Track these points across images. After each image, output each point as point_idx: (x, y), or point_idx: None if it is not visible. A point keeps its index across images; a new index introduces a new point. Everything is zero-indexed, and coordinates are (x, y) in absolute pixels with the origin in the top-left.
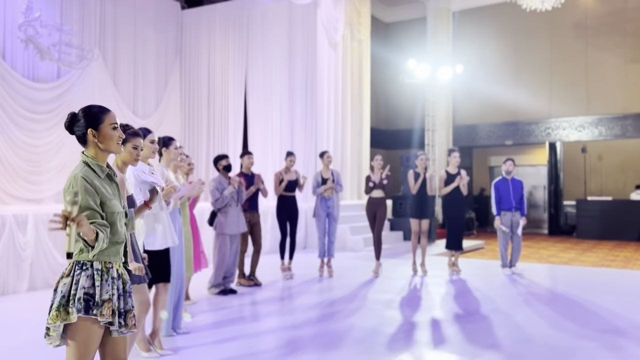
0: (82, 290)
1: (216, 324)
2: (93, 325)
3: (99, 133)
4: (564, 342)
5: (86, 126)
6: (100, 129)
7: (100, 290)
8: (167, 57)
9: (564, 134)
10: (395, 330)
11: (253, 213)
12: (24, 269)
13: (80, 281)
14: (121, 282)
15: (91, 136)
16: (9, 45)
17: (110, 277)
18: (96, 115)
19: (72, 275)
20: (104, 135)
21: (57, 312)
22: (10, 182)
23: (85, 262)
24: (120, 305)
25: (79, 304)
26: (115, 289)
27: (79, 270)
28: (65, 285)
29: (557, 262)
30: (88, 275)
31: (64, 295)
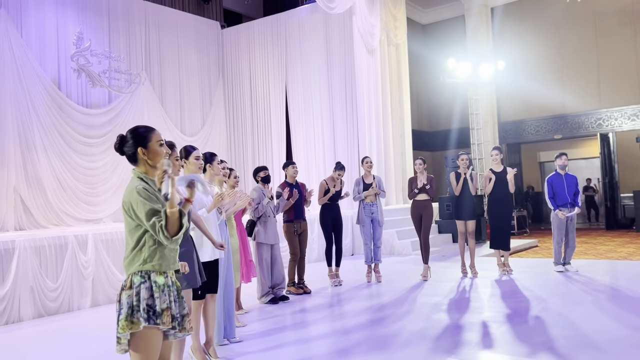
0: (144, 301)
1: (268, 331)
2: (155, 332)
3: (147, 150)
4: (628, 339)
5: (135, 145)
6: (149, 147)
7: (159, 300)
8: (210, 76)
9: (616, 124)
10: (443, 332)
11: (300, 222)
12: (86, 287)
13: (141, 293)
14: (175, 288)
15: (141, 154)
16: (64, 75)
17: (166, 286)
18: (143, 134)
19: (133, 287)
20: (152, 152)
21: (125, 322)
22: (70, 204)
23: (143, 274)
24: (178, 311)
25: (144, 314)
26: (172, 296)
27: (138, 283)
28: (129, 297)
29: (615, 257)
30: (147, 287)
31: (130, 307)
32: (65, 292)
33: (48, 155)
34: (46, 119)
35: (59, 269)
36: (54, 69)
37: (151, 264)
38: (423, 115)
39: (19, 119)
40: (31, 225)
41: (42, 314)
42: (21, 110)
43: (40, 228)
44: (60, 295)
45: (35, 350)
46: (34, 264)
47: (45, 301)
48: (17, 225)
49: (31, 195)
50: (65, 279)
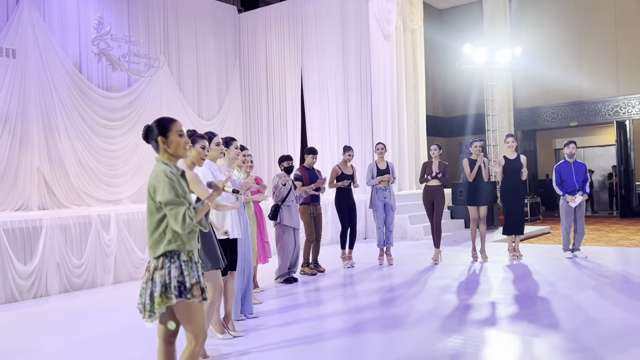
0: (175, 279)
1: (283, 308)
2: (197, 305)
3: (167, 140)
4: (625, 320)
5: (157, 134)
6: (169, 137)
7: (189, 276)
8: (227, 60)
9: (634, 111)
10: (451, 312)
11: (316, 205)
12: (109, 264)
13: (172, 272)
14: (199, 265)
15: (161, 143)
16: (85, 59)
17: (193, 263)
18: (165, 124)
19: (164, 267)
20: (171, 142)
21: (160, 299)
22: (92, 185)
23: (171, 254)
24: (203, 282)
25: (175, 291)
26: (199, 271)
27: (168, 263)
28: (162, 276)
29: (626, 244)
30: (177, 266)
31: (162, 285)
32: (89, 269)
33: (70, 137)
34: (68, 101)
35: (83, 246)
36: (75, 53)
37: (176, 244)
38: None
39: (42, 102)
40: (54, 205)
41: (68, 289)
42: (44, 94)
43: (63, 208)
44: (84, 272)
45: (62, 322)
46: (60, 241)
47: (70, 277)
48: (41, 204)
49: (54, 176)
50: (89, 257)
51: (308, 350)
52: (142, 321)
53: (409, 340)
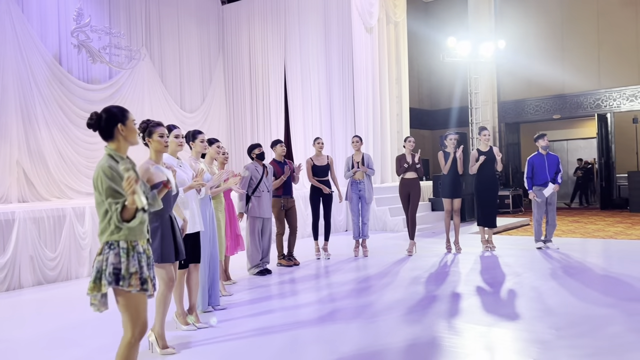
0: (111, 266)
1: (254, 300)
2: (135, 294)
3: (126, 127)
4: (582, 309)
5: (115, 122)
6: (127, 124)
7: (127, 264)
8: (211, 52)
9: (615, 104)
10: (417, 303)
11: (288, 198)
12: (84, 257)
13: (109, 258)
14: (146, 256)
15: (120, 130)
16: (64, 51)
17: (136, 253)
18: (122, 112)
19: (103, 253)
20: (129, 129)
21: (93, 284)
22: (72, 177)
23: (113, 242)
24: (151, 275)
25: (110, 277)
26: (143, 261)
27: (107, 250)
28: (99, 262)
29: (601, 236)
30: (115, 253)
31: (98, 270)
32: (63, 262)
33: (50, 129)
34: (47, 93)
35: (57, 239)
36: (55, 45)
37: (118, 235)
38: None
39: (20, 93)
40: (34, 198)
41: (42, 282)
42: (23, 85)
43: (43, 200)
44: (58, 265)
45: (33, 314)
46: (33, 234)
47: (44, 270)
48: (21, 197)
49: (34, 168)
50: (63, 249)
51: (269, 339)
52: (113, 312)
53: (370, 329)
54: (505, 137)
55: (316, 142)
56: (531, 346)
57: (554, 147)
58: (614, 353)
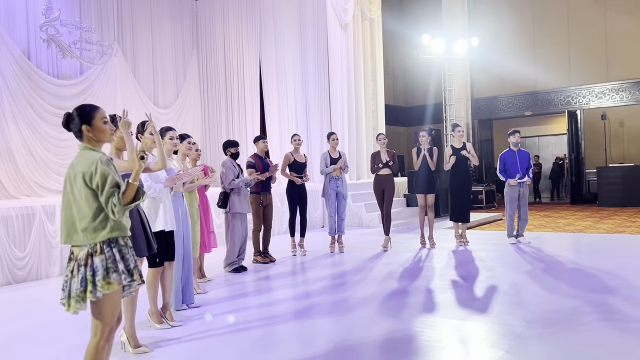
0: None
1: (229, 297)
2: (118, 294)
3: (92, 128)
4: (552, 301)
5: (80, 123)
6: (93, 124)
7: (130, 260)
8: (185, 48)
9: (584, 101)
10: (389, 297)
11: (266, 195)
12: (54, 256)
13: (115, 256)
14: (130, 250)
15: (85, 131)
16: (33, 45)
17: (129, 248)
18: (88, 112)
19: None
20: (96, 129)
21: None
22: (42, 175)
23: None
24: (139, 266)
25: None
26: (134, 256)
27: (108, 248)
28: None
29: (571, 230)
30: (118, 250)
31: (105, 269)
32: (33, 261)
33: (18, 126)
34: (16, 89)
35: (26, 238)
36: (23, 39)
37: (118, 232)
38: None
39: None
40: (2, 196)
41: (11, 282)
42: None
43: (12, 199)
44: (28, 264)
45: (4, 315)
46: (1, 233)
47: (13, 269)
48: None
49: (2, 165)
50: (33, 248)
51: (244, 336)
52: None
53: (345, 324)
54: (478, 133)
55: (293, 139)
56: (503, 339)
57: (526, 143)
58: (583, 343)
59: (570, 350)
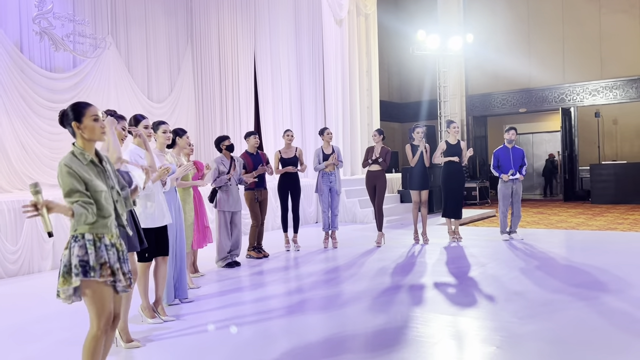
0: (77, 258)
1: (222, 292)
2: (101, 285)
3: (82, 125)
4: (543, 297)
5: (72, 120)
6: (83, 121)
7: (94, 256)
8: (179, 42)
9: (578, 99)
10: (381, 293)
11: (261, 190)
12: (47, 249)
13: (75, 251)
14: (115, 249)
15: (76, 128)
16: (26, 38)
17: (103, 245)
18: (79, 110)
19: (69, 247)
20: (85, 127)
21: (63, 279)
22: (34, 169)
23: (77, 235)
24: (123, 268)
25: (76, 270)
26: (112, 253)
27: (73, 243)
28: (65, 256)
29: (564, 227)
30: (80, 245)
31: (65, 265)
32: (25, 255)
33: (10, 119)
34: (8, 82)
35: (18, 232)
36: (15, 32)
37: (84, 227)
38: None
39: None
40: None
41: (2, 276)
42: None
43: (4, 192)
44: (20, 258)
45: None
46: None
47: (5, 263)
48: None
49: None
50: (25, 242)
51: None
52: (77, 306)
53: (338, 319)
54: (472, 130)
55: (285, 135)
56: (495, 334)
57: (520, 140)
58: (574, 337)
59: (561, 345)
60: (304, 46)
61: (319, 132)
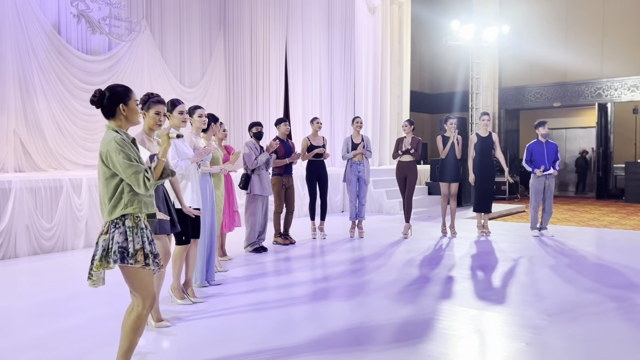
0: (117, 244)
1: (249, 276)
2: (140, 269)
3: (128, 108)
4: (573, 295)
5: (117, 101)
6: (129, 105)
7: (132, 242)
8: (212, 27)
9: (616, 94)
10: (409, 284)
11: (288, 177)
12: (80, 228)
13: (115, 237)
14: (148, 231)
15: (121, 110)
16: (63, 20)
17: (139, 229)
18: (125, 92)
19: (109, 232)
20: (131, 110)
21: (99, 262)
22: (69, 149)
23: (117, 221)
24: (153, 250)
25: (115, 256)
26: (145, 237)
27: (113, 229)
28: (105, 240)
29: (595, 225)
30: (121, 232)
31: (104, 249)
32: (59, 232)
33: (48, 100)
34: (46, 63)
35: (54, 210)
36: (54, 14)
37: (132, 207)
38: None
39: (19, 63)
40: (31, 168)
41: (38, 252)
42: (21, 55)
43: (40, 171)
44: (54, 235)
45: (30, 284)
46: (29, 204)
47: (40, 240)
48: (17, 167)
49: (31, 138)
50: (59, 220)
51: (263, 315)
52: (107, 285)
53: (363, 308)
54: (504, 123)
55: (315, 122)
56: (523, 330)
57: (553, 135)
58: (605, 338)
59: (591, 344)
60: (336, 34)
61: (352, 120)
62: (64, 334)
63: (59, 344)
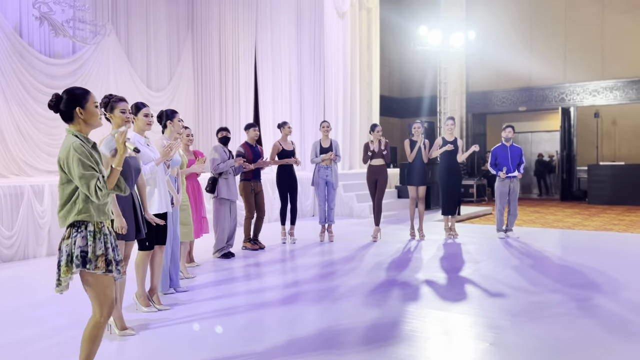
0: (79, 249)
1: (217, 282)
2: (101, 275)
3: (85, 111)
4: (536, 296)
5: (73, 105)
6: (86, 107)
7: (93, 247)
8: (179, 30)
9: (578, 98)
10: (376, 287)
11: (257, 182)
12: (42, 236)
13: (77, 241)
14: (111, 236)
15: (78, 113)
16: (25, 23)
17: (102, 235)
18: (82, 95)
19: (71, 237)
20: (89, 113)
21: (66, 268)
22: (31, 155)
23: (79, 224)
24: (116, 256)
25: (77, 260)
26: (109, 243)
27: (75, 233)
28: (67, 245)
29: (560, 226)
30: (82, 236)
31: (68, 254)
32: (20, 240)
33: (8, 104)
34: (7, 66)
35: (14, 217)
36: (15, 16)
37: (86, 215)
38: (394, 82)
39: None
40: None
41: None
42: None
43: (1, 178)
44: (15, 243)
45: None
46: None
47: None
48: None
49: None
50: (20, 228)
51: (231, 321)
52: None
53: (332, 312)
54: (472, 127)
55: (286, 126)
56: (488, 331)
57: (519, 139)
58: (566, 337)
59: (553, 344)
60: (305, 38)
61: (320, 124)
62: (24, 344)
63: (18, 354)
